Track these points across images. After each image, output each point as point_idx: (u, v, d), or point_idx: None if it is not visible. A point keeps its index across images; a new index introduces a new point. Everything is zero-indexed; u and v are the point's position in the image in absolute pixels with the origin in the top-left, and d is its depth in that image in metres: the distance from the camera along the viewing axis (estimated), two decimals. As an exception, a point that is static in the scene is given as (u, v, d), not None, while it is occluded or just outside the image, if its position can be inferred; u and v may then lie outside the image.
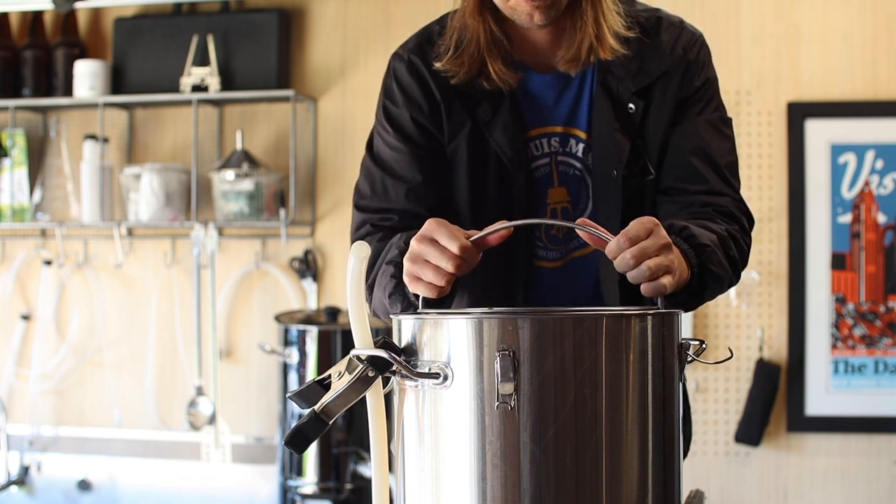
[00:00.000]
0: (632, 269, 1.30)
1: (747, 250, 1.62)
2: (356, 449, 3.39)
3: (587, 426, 1.18)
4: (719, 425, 3.55)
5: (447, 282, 1.34)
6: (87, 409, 4.04)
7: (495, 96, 1.62)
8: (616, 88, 1.61)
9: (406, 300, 1.47)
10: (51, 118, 4.03)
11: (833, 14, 3.52)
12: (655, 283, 1.30)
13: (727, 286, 1.55)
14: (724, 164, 1.66)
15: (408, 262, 1.36)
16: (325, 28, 3.86)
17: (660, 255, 1.31)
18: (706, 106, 1.66)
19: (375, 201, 1.65)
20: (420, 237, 1.35)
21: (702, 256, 1.46)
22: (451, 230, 1.33)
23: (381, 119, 1.68)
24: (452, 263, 1.32)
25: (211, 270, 3.76)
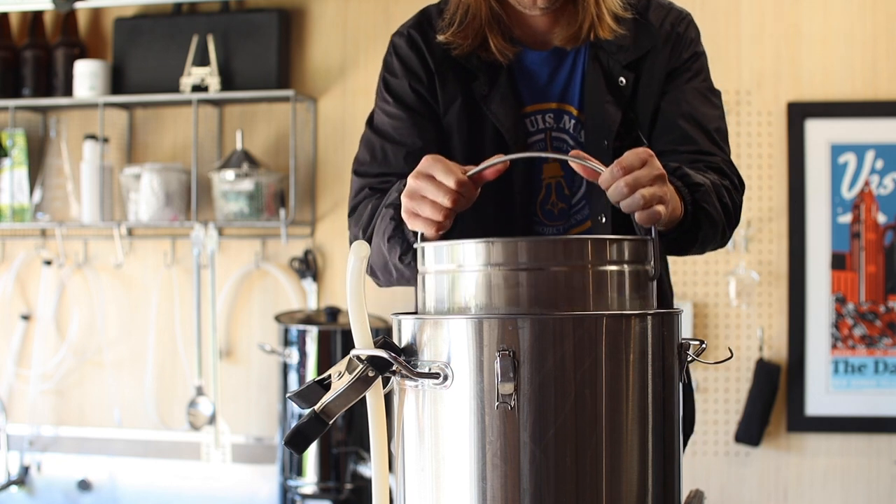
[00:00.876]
0: (625, 197, 1.30)
1: (739, 206, 1.65)
2: (356, 449, 3.39)
3: (587, 426, 1.18)
4: (719, 425, 3.55)
5: (445, 217, 1.35)
6: (87, 409, 4.04)
7: (492, 71, 1.66)
8: (607, 62, 1.66)
9: (405, 243, 1.48)
10: (51, 118, 4.03)
11: (833, 14, 3.52)
12: (650, 210, 1.30)
13: (720, 236, 1.57)
14: (713, 128, 1.69)
15: (405, 198, 1.37)
16: (325, 28, 3.86)
17: (654, 185, 1.31)
18: (694, 77, 1.71)
19: (375, 167, 1.68)
20: (417, 173, 1.36)
21: (696, 195, 1.48)
22: (447, 165, 1.34)
23: (382, 92, 1.72)
24: (449, 198, 1.33)
25: (211, 270, 3.76)
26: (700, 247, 1.54)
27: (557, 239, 1.26)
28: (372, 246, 1.58)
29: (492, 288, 1.23)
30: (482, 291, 1.24)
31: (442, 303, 1.27)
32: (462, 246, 1.26)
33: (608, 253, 1.24)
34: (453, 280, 1.26)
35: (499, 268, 1.23)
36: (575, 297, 1.22)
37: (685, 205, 1.45)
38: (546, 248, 1.23)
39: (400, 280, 1.58)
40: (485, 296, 1.23)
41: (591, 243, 1.24)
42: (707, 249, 1.60)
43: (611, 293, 1.24)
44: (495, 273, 1.23)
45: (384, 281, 1.63)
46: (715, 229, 1.53)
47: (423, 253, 1.31)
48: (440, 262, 1.28)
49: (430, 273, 1.29)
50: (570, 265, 1.23)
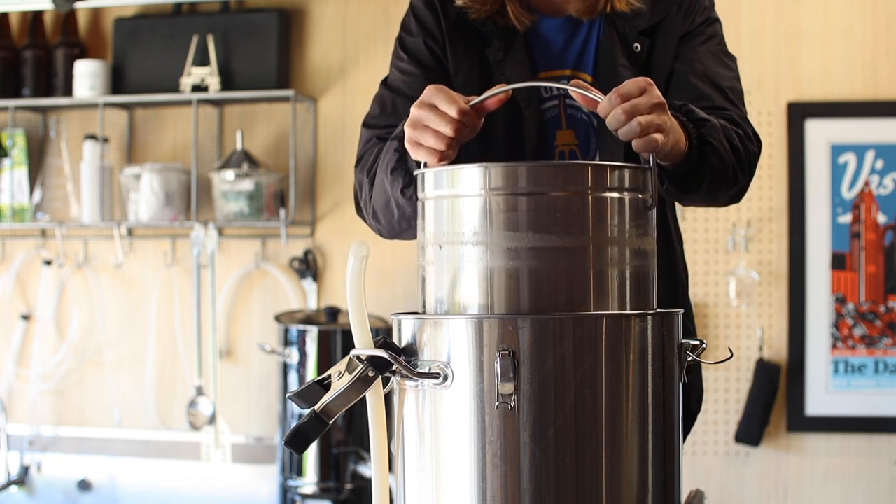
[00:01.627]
0: (623, 124, 1.29)
1: (754, 155, 1.63)
2: (356, 449, 3.39)
3: (587, 426, 1.18)
4: (719, 425, 3.55)
5: (448, 145, 1.35)
6: (87, 409, 4.04)
7: (507, 36, 1.67)
8: (622, 28, 1.66)
9: (408, 174, 1.49)
10: (51, 118, 4.03)
11: (833, 14, 3.52)
12: (647, 137, 1.29)
13: (731, 179, 1.55)
14: (727, 86, 1.69)
15: (408, 128, 1.37)
16: (325, 28, 3.86)
17: (652, 113, 1.30)
18: (708, 39, 1.71)
19: (384, 119, 1.69)
20: (419, 103, 1.36)
21: (702, 129, 1.47)
22: (449, 95, 1.35)
23: (397, 50, 1.74)
24: (452, 127, 1.33)
25: (211, 270, 3.76)
26: (710, 189, 1.52)
27: (557, 164, 1.26)
28: (375, 183, 1.58)
29: (491, 213, 1.23)
30: (481, 216, 1.23)
31: (441, 228, 1.27)
32: (462, 170, 1.26)
33: (607, 179, 1.24)
34: (453, 205, 1.26)
35: (498, 192, 1.23)
36: (573, 223, 1.23)
37: (690, 138, 1.44)
38: (545, 172, 1.24)
39: (401, 221, 1.58)
40: (484, 220, 1.23)
41: (591, 169, 1.25)
42: (719, 195, 1.57)
43: (610, 219, 1.24)
44: (494, 198, 1.23)
45: (385, 223, 1.63)
46: (724, 168, 1.51)
47: (423, 179, 1.31)
48: (440, 187, 1.28)
49: (430, 199, 1.29)
50: (569, 190, 1.23)
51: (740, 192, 1.62)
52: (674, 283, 1.74)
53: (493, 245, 1.23)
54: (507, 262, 1.22)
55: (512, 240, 1.22)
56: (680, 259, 1.77)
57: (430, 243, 1.28)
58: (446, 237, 1.26)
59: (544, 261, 1.22)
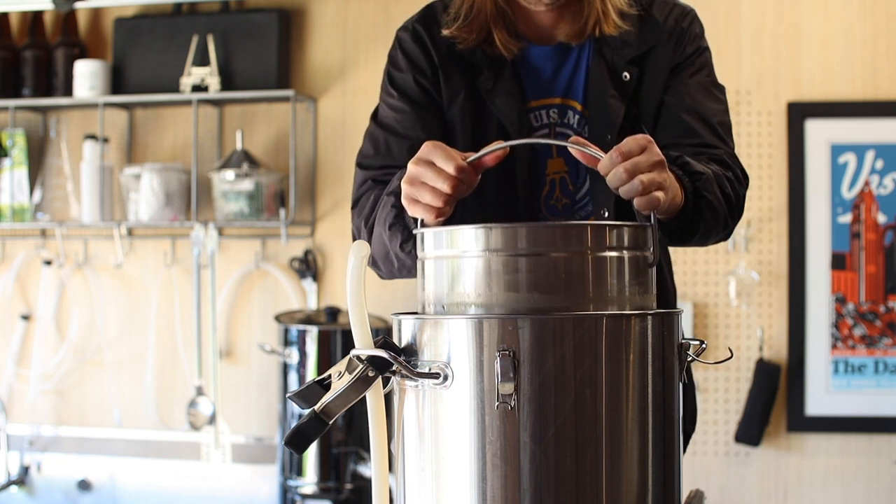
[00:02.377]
0: (624, 183, 1.30)
1: (742, 197, 1.64)
2: (356, 449, 3.39)
3: (587, 426, 1.18)
4: (719, 425, 3.55)
5: (445, 203, 1.35)
6: (87, 409, 4.04)
7: (497, 66, 1.67)
8: (611, 58, 1.66)
9: (406, 230, 1.49)
10: (51, 118, 4.03)
11: (833, 14, 3.52)
12: (648, 196, 1.30)
13: (723, 226, 1.57)
14: (717, 121, 1.69)
15: (405, 185, 1.37)
16: (325, 28, 3.85)
17: (653, 171, 1.31)
18: (698, 71, 1.71)
19: (378, 159, 1.68)
20: (417, 160, 1.36)
21: (697, 183, 1.47)
22: (447, 151, 1.34)
23: (386, 86, 1.73)
24: (449, 184, 1.33)
25: (211, 270, 3.76)
26: (702, 237, 1.54)
27: (557, 225, 1.26)
28: (373, 235, 1.58)
29: (491, 274, 1.23)
30: (482, 277, 1.24)
31: (441, 288, 1.27)
32: (461, 231, 1.26)
33: (607, 239, 1.24)
34: (453, 266, 1.26)
35: (498, 253, 1.23)
36: (574, 283, 1.23)
37: (686, 193, 1.45)
38: (546, 233, 1.23)
39: (401, 270, 1.58)
40: (484, 282, 1.23)
41: (591, 229, 1.25)
42: (710, 241, 1.60)
43: (610, 279, 1.24)
44: (494, 259, 1.23)
45: (385, 271, 1.63)
46: (717, 219, 1.53)
47: (423, 238, 1.31)
48: (439, 247, 1.28)
49: (430, 259, 1.29)
50: (569, 251, 1.23)
51: (728, 234, 1.64)
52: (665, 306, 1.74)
53: (494, 306, 1.23)
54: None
55: (513, 301, 1.22)
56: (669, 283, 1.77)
57: (431, 303, 1.29)
58: (447, 298, 1.26)
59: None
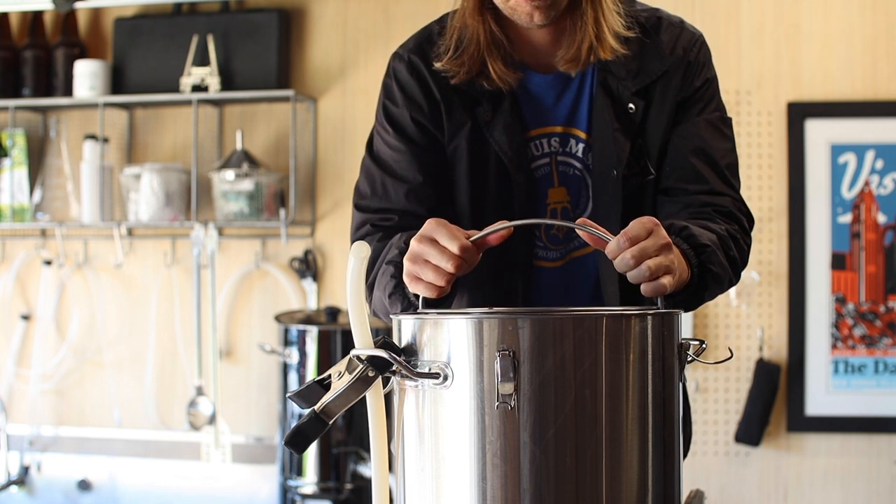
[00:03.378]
0: (632, 269, 1.30)
1: (747, 250, 1.63)
2: (356, 449, 3.39)
3: (587, 426, 1.18)
4: (719, 425, 3.55)
5: (447, 282, 1.34)
6: (87, 409, 4.04)
7: (495, 96, 1.62)
8: (616, 88, 1.62)
9: (406, 300, 1.47)
10: (51, 118, 4.03)
11: (833, 14, 3.52)
12: (655, 282, 1.30)
13: (727, 286, 1.55)
14: (725, 164, 1.66)
15: (408, 262, 1.36)
16: (325, 28, 3.85)
17: (660, 255, 1.31)
18: (706, 106, 1.67)
19: (375, 201, 1.65)
20: (420, 237, 1.35)
21: (702, 256, 1.46)
22: (450, 230, 1.33)
23: (381, 119, 1.68)
24: (452, 263, 1.32)
25: (211, 270, 3.76)
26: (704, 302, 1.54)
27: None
28: (374, 296, 1.56)
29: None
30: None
31: None
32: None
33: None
34: None
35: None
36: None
37: (691, 268, 1.44)
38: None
39: None
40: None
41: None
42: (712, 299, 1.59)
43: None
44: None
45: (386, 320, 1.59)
46: (721, 286, 1.52)
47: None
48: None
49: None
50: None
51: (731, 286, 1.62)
52: None
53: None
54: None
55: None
56: None
57: None
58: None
59: None
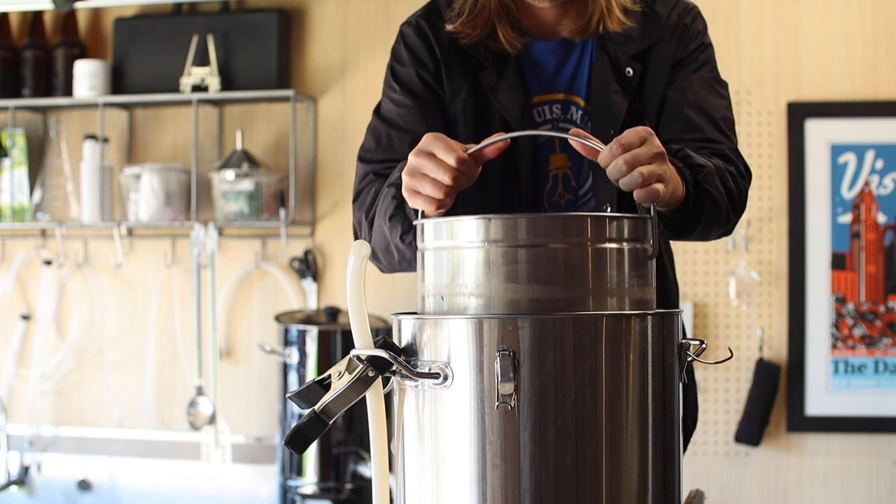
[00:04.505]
0: (624, 175, 1.30)
1: (745, 192, 1.64)
2: (356, 449, 3.39)
3: (587, 426, 1.18)
4: (719, 425, 3.55)
5: (445, 194, 1.35)
6: (87, 409, 4.04)
7: (500, 61, 1.67)
8: (614, 53, 1.67)
9: (406, 222, 1.49)
10: (51, 118, 4.03)
11: (833, 14, 3.52)
12: (648, 188, 1.30)
13: (724, 220, 1.57)
14: (720, 117, 1.69)
15: (406, 176, 1.37)
16: (325, 28, 3.86)
17: (653, 163, 1.31)
18: (701, 67, 1.71)
19: (380, 153, 1.69)
20: (417, 151, 1.36)
21: (698, 176, 1.48)
22: (447, 143, 1.35)
23: (389, 80, 1.73)
24: (450, 176, 1.33)
25: (211, 270, 3.76)
26: (703, 230, 1.54)
27: (557, 216, 1.26)
28: (374, 227, 1.59)
29: (491, 265, 1.23)
30: (481, 268, 1.23)
31: (441, 279, 1.27)
32: (461, 222, 1.26)
33: (607, 230, 1.24)
34: (452, 257, 1.26)
35: (498, 244, 1.23)
36: (573, 275, 1.23)
37: (686, 185, 1.45)
38: (545, 224, 1.24)
39: (402, 263, 1.58)
40: (484, 273, 1.23)
41: (591, 220, 1.25)
42: (711, 235, 1.59)
43: (609, 271, 1.24)
44: (494, 249, 1.23)
45: (386, 264, 1.63)
46: (718, 212, 1.52)
47: (423, 229, 1.31)
48: (439, 238, 1.28)
49: (430, 250, 1.29)
50: (569, 242, 1.23)
51: (731, 228, 1.64)
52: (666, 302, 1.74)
53: (493, 297, 1.23)
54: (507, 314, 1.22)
55: (512, 292, 1.22)
56: (671, 278, 1.77)
57: (431, 294, 1.29)
58: (447, 288, 1.26)
59: (544, 313, 1.21)
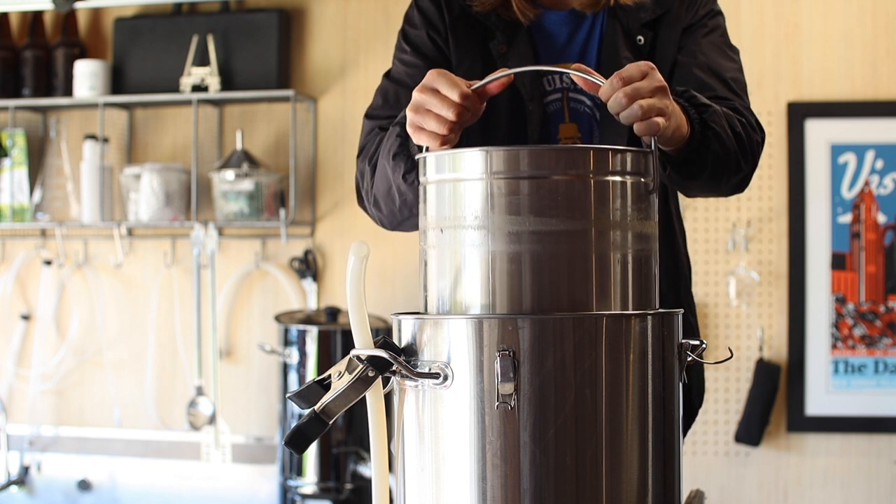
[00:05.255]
0: (624, 108, 1.29)
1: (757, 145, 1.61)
2: (356, 449, 3.39)
3: (587, 426, 1.18)
4: (719, 425, 3.55)
5: (450, 130, 1.35)
6: (87, 409, 4.04)
7: (511, 30, 1.68)
8: (626, 22, 1.67)
9: (410, 160, 1.49)
10: (51, 118, 4.03)
11: (833, 14, 3.52)
12: (648, 121, 1.29)
13: (734, 167, 1.54)
14: (731, 77, 1.68)
15: (410, 112, 1.38)
16: (325, 28, 3.86)
17: (654, 97, 1.30)
18: (711, 32, 1.72)
19: (387, 110, 1.70)
20: (421, 87, 1.36)
21: (704, 115, 1.46)
22: (451, 79, 1.35)
23: (400, 43, 1.74)
24: (454, 111, 1.34)
25: (211, 270, 3.76)
26: (713, 176, 1.51)
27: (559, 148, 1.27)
28: (377, 170, 1.59)
29: (493, 197, 1.23)
30: (483, 200, 1.23)
31: (443, 212, 1.27)
32: (463, 154, 1.26)
33: (609, 163, 1.24)
34: (454, 189, 1.26)
35: (500, 176, 1.23)
36: (575, 207, 1.22)
37: (692, 124, 1.44)
38: (547, 156, 1.24)
39: (402, 209, 1.58)
40: (485, 205, 1.23)
41: (592, 152, 1.25)
42: (722, 184, 1.57)
43: (612, 203, 1.24)
44: (496, 182, 1.23)
45: (387, 213, 1.63)
46: (727, 154, 1.50)
47: (425, 163, 1.31)
48: (441, 171, 1.28)
49: (432, 183, 1.29)
50: (570, 174, 1.23)
51: (743, 180, 1.61)
52: (677, 276, 1.74)
53: (494, 229, 1.23)
54: (508, 246, 1.22)
55: (513, 223, 1.22)
56: (683, 253, 1.77)
57: (432, 227, 1.28)
58: (448, 221, 1.26)
59: (546, 244, 1.22)
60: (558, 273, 1.22)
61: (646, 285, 1.28)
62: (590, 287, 1.23)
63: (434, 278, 1.29)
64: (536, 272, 1.22)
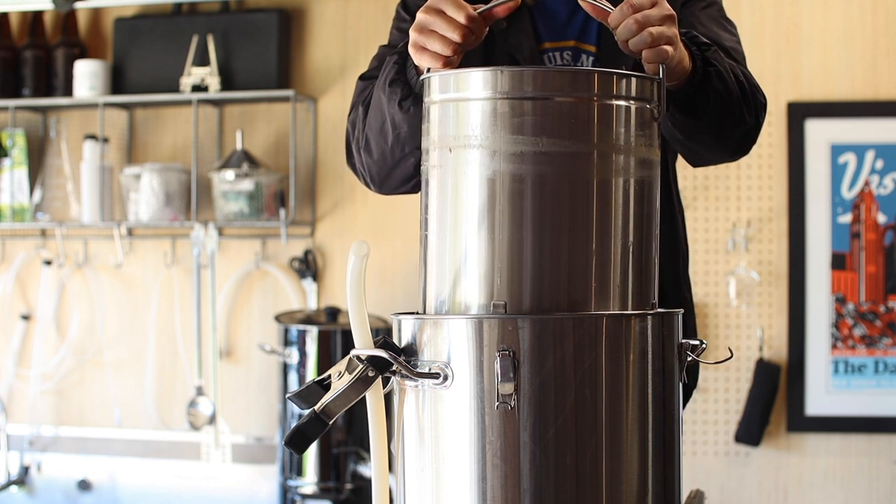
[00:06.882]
0: (634, 35, 1.30)
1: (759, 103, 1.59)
2: (356, 449, 3.39)
3: (587, 426, 1.18)
4: (719, 425, 3.55)
5: (454, 51, 1.35)
6: (87, 409, 4.04)
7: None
8: None
9: (407, 87, 1.48)
10: (51, 118, 4.03)
11: (833, 14, 3.52)
12: (657, 48, 1.29)
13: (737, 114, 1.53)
14: (729, 46, 1.68)
15: (414, 32, 1.37)
16: (325, 28, 3.86)
17: (663, 25, 1.30)
18: (709, 6, 1.73)
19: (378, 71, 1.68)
20: (426, 8, 1.36)
21: (706, 53, 1.46)
22: (457, 0, 1.34)
23: (399, 13, 1.75)
24: (459, 33, 1.33)
25: (211, 270, 3.76)
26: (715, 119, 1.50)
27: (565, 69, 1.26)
28: (370, 108, 1.57)
29: (497, 116, 1.22)
30: (488, 120, 1.23)
31: (447, 131, 1.27)
32: (469, 74, 1.25)
33: (614, 87, 1.24)
34: (459, 109, 1.26)
35: (505, 96, 1.22)
36: (579, 128, 1.22)
37: (694, 58, 1.43)
38: (553, 78, 1.23)
39: (395, 147, 1.56)
40: (490, 124, 1.23)
41: (598, 75, 1.25)
42: (725, 132, 1.55)
43: (615, 127, 1.24)
44: (501, 102, 1.22)
45: (377, 154, 1.60)
46: (730, 97, 1.49)
47: (429, 83, 1.30)
48: (445, 91, 1.28)
49: (436, 103, 1.29)
50: (575, 96, 1.22)
51: (747, 136, 1.59)
52: (675, 251, 1.74)
53: (498, 149, 1.22)
54: (512, 167, 1.22)
55: (517, 143, 1.22)
56: (681, 229, 1.77)
57: (436, 147, 1.28)
58: (452, 140, 1.25)
59: (549, 166, 1.22)
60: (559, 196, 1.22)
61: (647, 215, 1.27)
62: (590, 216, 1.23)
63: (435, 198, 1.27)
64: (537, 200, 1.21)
